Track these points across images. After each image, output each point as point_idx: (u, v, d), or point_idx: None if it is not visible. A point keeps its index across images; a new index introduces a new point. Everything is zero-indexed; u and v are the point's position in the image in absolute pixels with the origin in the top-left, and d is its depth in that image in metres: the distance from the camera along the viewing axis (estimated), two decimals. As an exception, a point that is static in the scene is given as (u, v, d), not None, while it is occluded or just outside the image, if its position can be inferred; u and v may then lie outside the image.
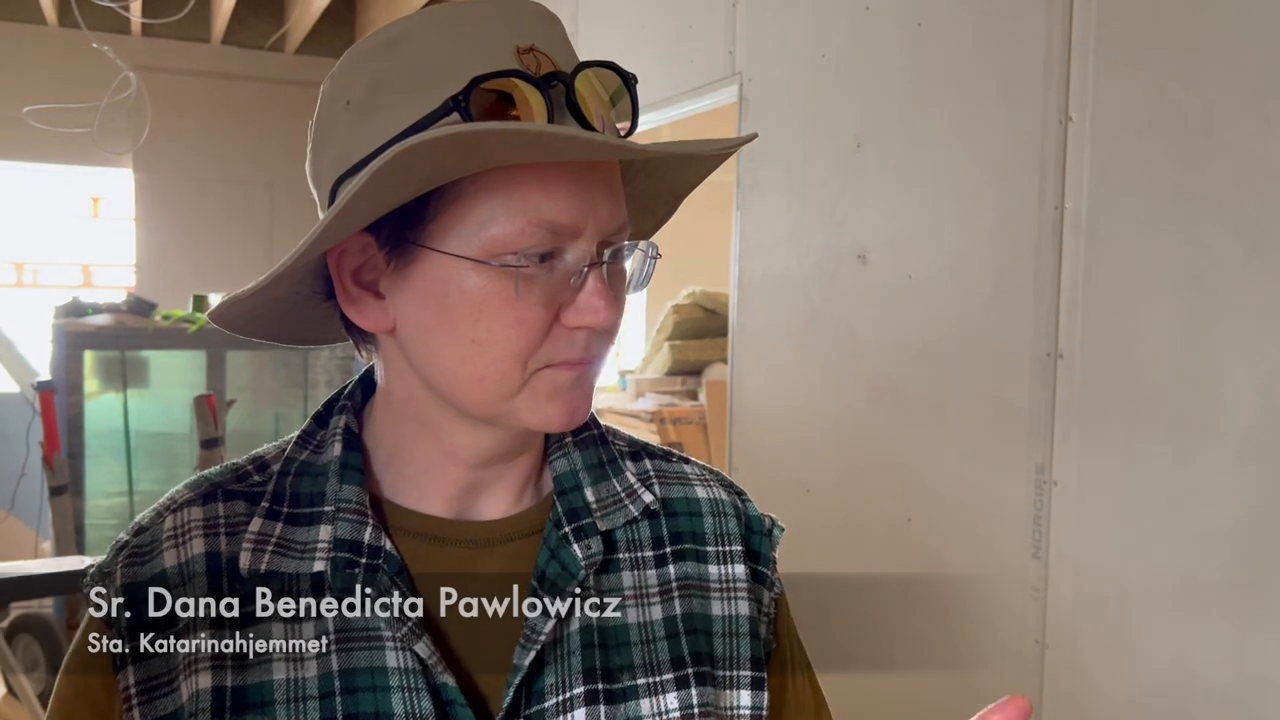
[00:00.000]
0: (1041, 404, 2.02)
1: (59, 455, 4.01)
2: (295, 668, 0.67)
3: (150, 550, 0.69)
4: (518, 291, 0.63)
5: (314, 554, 0.69)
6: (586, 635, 0.70)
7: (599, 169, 0.65)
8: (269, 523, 0.70)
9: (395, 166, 0.57)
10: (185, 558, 0.69)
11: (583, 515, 0.73)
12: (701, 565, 0.76)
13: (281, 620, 0.68)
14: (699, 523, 0.77)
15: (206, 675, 0.66)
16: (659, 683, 0.71)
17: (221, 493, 0.72)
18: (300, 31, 5.92)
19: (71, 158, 5.57)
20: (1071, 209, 1.95)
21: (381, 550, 0.69)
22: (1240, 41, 1.67)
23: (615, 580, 0.73)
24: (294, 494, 0.71)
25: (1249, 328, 1.66)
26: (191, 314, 4.56)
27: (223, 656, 0.67)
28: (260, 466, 0.74)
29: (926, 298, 2.32)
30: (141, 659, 0.67)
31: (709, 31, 3.14)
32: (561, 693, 0.69)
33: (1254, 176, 1.64)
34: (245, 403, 4.62)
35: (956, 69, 2.23)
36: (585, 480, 0.75)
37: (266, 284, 0.69)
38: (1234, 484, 1.68)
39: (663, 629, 0.73)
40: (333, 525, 0.69)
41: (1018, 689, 2.07)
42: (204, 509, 0.71)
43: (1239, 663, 1.68)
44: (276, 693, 0.66)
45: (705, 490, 0.79)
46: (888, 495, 2.39)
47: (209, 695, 0.66)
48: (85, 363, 4.33)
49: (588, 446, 0.77)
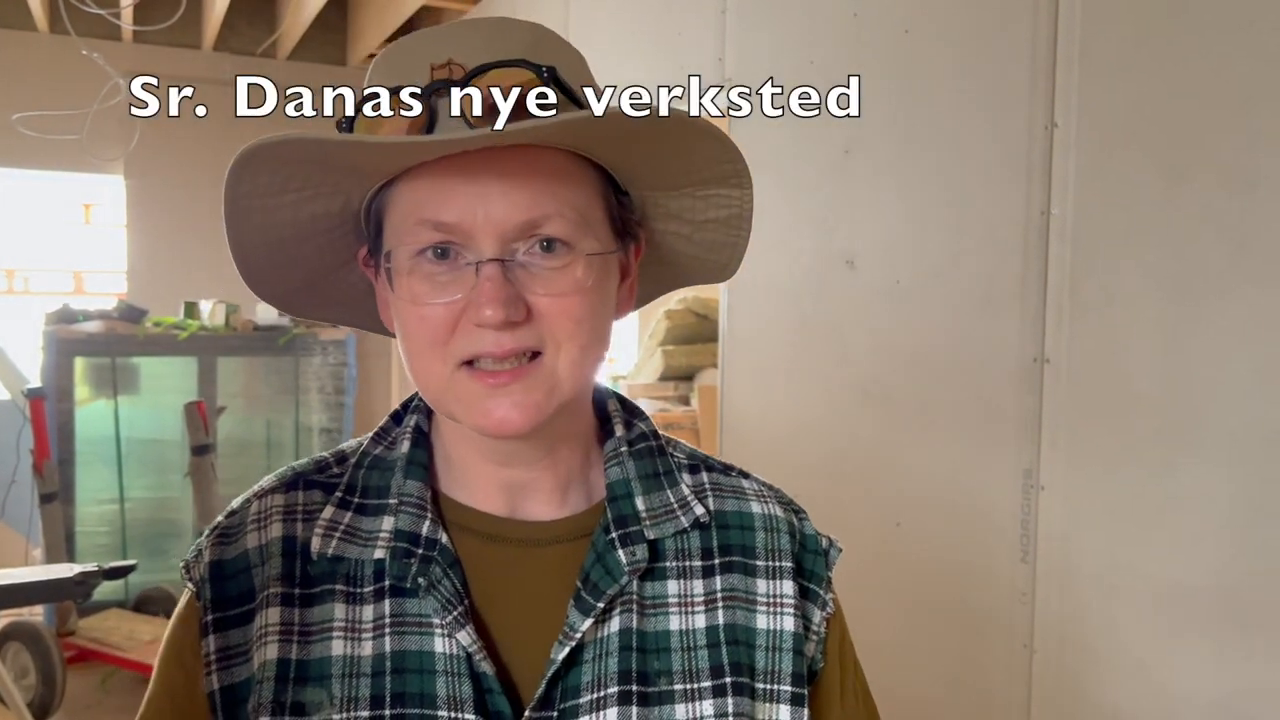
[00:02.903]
0: (1029, 409, 2.03)
1: (49, 462, 4.00)
2: (352, 646, 0.72)
3: (236, 532, 0.76)
4: (422, 289, 0.68)
5: (376, 543, 0.73)
6: (625, 638, 0.72)
7: (492, 166, 0.65)
8: (340, 511, 0.75)
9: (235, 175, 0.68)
10: (264, 540, 0.74)
11: (631, 523, 0.75)
12: (749, 579, 0.77)
13: (344, 602, 0.73)
14: (750, 537, 0.79)
15: (274, 647, 0.71)
16: (697, 689, 0.73)
17: (303, 482, 0.77)
18: (292, 38, 5.92)
19: (62, 164, 5.55)
20: (1058, 215, 1.97)
21: (437, 543, 0.73)
22: (1224, 50, 1.68)
23: (660, 587, 0.75)
24: (364, 486, 0.77)
25: (1234, 333, 1.67)
26: (182, 320, 4.56)
27: (290, 631, 0.72)
28: (340, 459, 0.79)
29: (915, 303, 2.33)
30: (221, 629, 0.73)
31: (698, 38, 3.15)
32: (596, 691, 0.71)
33: (1238, 183, 1.66)
34: (236, 409, 4.61)
35: (944, 75, 2.24)
36: (637, 489, 0.77)
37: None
38: (1220, 488, 1.69)
39: (704, 638, 0.75)
40: (395, 517, 0.74)
41: (1006, 693, 2.08)
42: (285, 496, 0.76)
43: (1225, 667, 1.69)
44: (334, 667, 0.71)
45: (761, 506, 0.80)
46: (876, 500, 2.40)
47: (274, 665, 0.71)
48: (76, 369, 4.32)
49: (643, 457, 0.79)
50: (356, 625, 0.72)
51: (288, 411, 4.76)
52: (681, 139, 0.68)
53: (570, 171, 0.68)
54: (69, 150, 4.79)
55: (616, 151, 0.69)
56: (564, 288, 0.67)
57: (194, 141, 5.78)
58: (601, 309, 0.71)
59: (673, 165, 0.71)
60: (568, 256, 0.67)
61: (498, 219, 0.65)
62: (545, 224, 0.66)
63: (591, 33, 3.89)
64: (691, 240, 0.78)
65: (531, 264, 0.67)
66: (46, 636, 3.68)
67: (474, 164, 0.65)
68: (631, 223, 0.75)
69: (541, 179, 0.66)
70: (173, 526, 4.51)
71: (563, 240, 0.67)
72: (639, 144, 0.68)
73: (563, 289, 0.67)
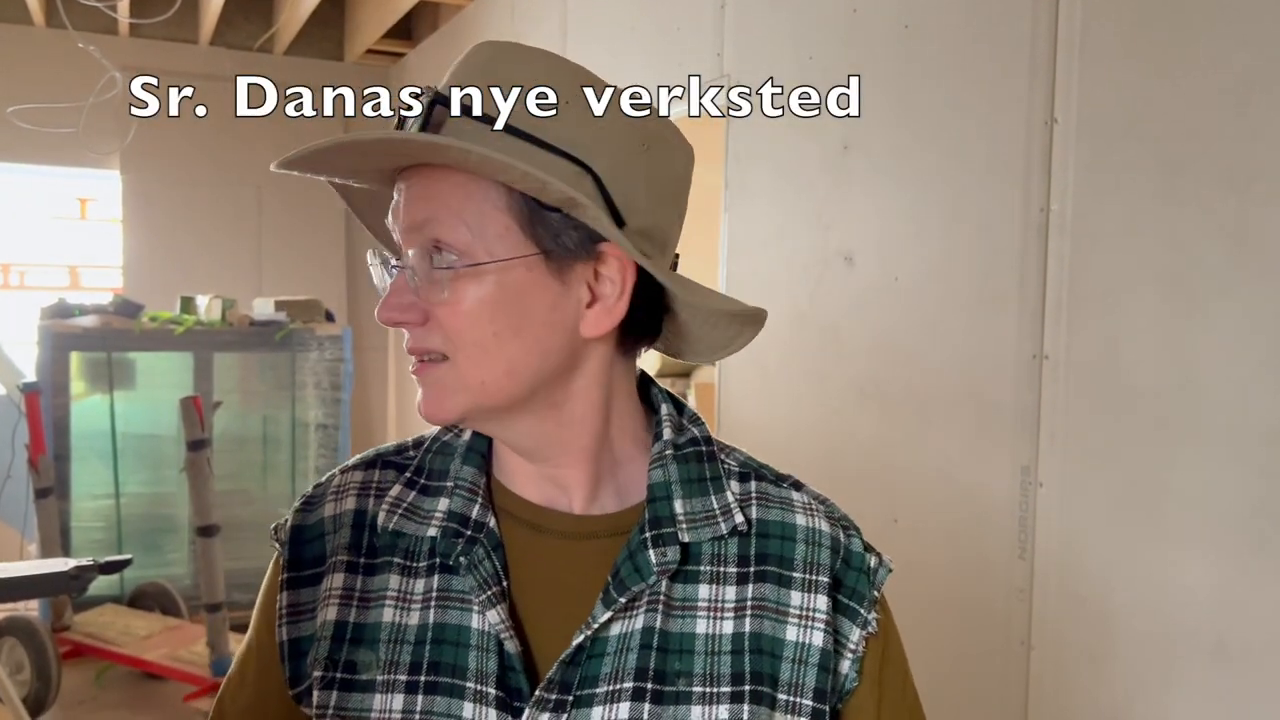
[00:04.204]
0: (1027, 405, 2.03)
1: (44, 457, 3.99)
2: (402, 614, 0.78)
3: (316, 502, 0.84)
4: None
5: (431, 521, 0.79)
6: (647, 636, 0.75)
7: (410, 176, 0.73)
8: (405, 490, 0.82)
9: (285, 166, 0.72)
10: (338, 511, 0.83)
11: (666, 524, 0.77)
12: (783, 590, 0.78)
13: (399, 574, 0.79)
14: (790, 548, 0.79)
15: (335, 609, 0.79)
16: (715, 694, 0.74)
17: (381, 461, 0.85)
18: (289, 33, 5.90)
19: (58, 159, 5.54)
20: (1057, 211, 1.97)
21: (485, 526, 0.79)
22: (1224, 45, 1.68)
23: (692, 590, 0.77)
24: (430, 469, 0.83)
25: (1232, 329, 1.67)
26: (179, 316, 4.54)
27: (351, 596, 0.80)
28: (418, 444, 0.86)
29: (912, 300, 2.33)
30: (294, 587, 0.82)
31: (697, 34, 3.14)
32: (613, 683, 0.74)
33: (1237, 179, 1.66)
34: (232, 404, 4.60)
35: (943, 71, 2.24)
36: (676, 492, 0.78)
37: None
38: (1218, 484, 1.69)
39: (729, 644, 0.76)
40: (450, 499, 0.80)
41: (1003, 690, 2.08)
42: (364, 473, 0.84)
43: (1224, 665, 1.69)
44: (382, 632, 0.78)
45: (806, 519, 0.81)
46: (874, 496, 2.40)
47: (333, 626, 0.79)
48: (71, 364, 4.31)
49: (689, 461, 0.80)
50: (408, 596, 0.78)
51: (284, 407, 4.75)
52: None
53: (465, 187, 0.71)
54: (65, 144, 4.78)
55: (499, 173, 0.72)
56: (445, 297, 0.71)
57: (190, 136, 5.76)
58: (509, 320, 0.72)
59: None
60: (456, 268, 0.71)
61: (402, 225, 0.73)
62: (426, 226, 0.71)
63: (589, 27, 3.88)
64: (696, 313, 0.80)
65: (422, 272, 0.72)
66: (41, 631, 3.67)
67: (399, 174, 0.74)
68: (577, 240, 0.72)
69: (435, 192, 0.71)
70: (168, 522, 4.51)
71: (447, 247, 0.71)
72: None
73: (444, 298, 0.71)
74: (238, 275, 5.92)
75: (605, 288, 0.74)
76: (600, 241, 0.72)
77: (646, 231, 0.74)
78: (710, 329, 0.81)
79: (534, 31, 4.34)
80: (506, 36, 4.62)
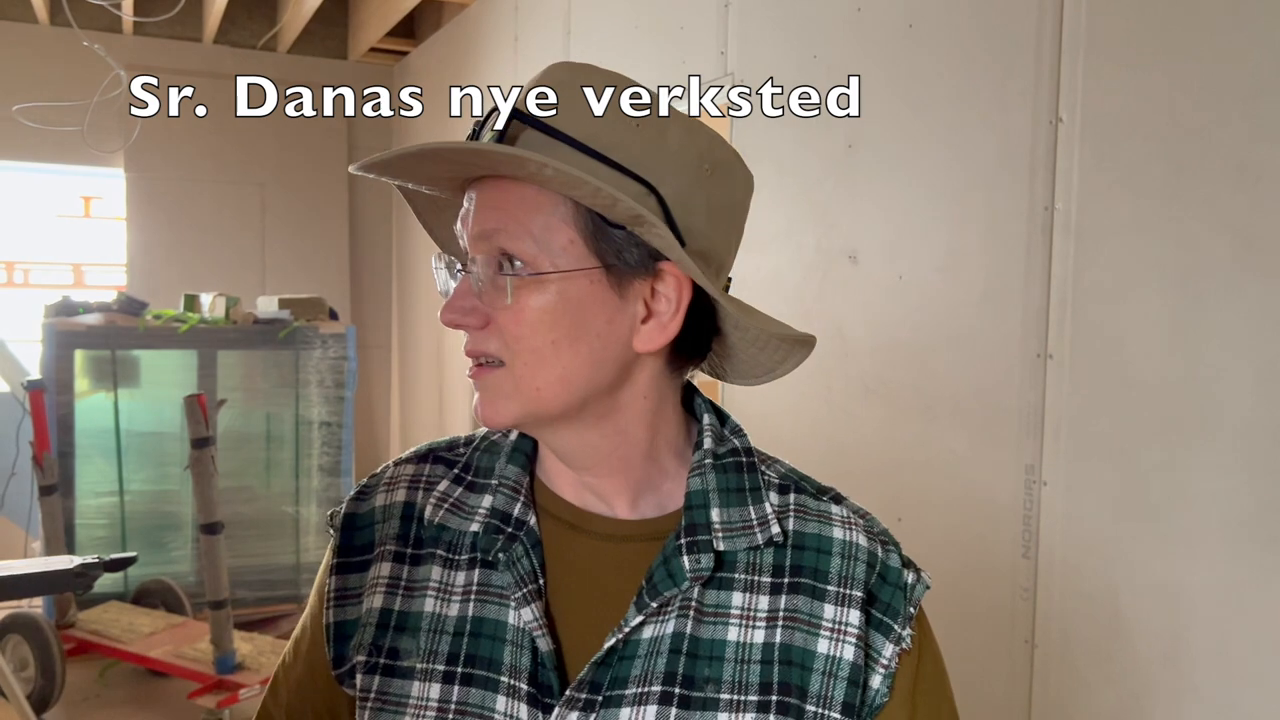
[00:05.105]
0: (1031, 404, 2.03)
1: (49, 455, 4.00)
2: (442, 605, 0.81)
3: (370, 492, 0.87)
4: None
5: (475, 517, 0.82)
6: (678, 642, 0.76)
7: (481, 185, 0.76)
8: (453, 486, 0.85)
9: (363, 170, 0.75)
10: (389, 502, 0.86)
11: (701, 532, 0.78)
12: (817, 602, 0.78)
13: (442, 566, 0.82)
14: (825, 561, 0.79)
15: (381, 597, 0.83)
16: (742, 702, 0.75)
17: (433, 456, 0.88)
18: (292, 31, 5.90)
19: (62, 157, 5.54)
20: (1061, 210, 1.96)
21: (525, 524, 0.81)
22: (1230, 43, 1.67)
23: (725, 598, 0.78)
24: (478, 466, 0.85)
25: (1238, 328, 1.66)
26: (183, 313, 4.55)
27: (396, 584, 0.83)
28: (469, 441, 0.89)
29: (917, 298, 2.33)
30: (342, 572, 0.85)
31: (701, 32, 3.14)
32: (642, 686, 0.75)
33: (1243, 177, 1.65)
34: (236, 402, 4.60)
35: (947, 70, 2.24)
36: (714, 501, 0.79)
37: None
38: (1223, 484, 1.69)
39: (760, 653, 0.76)
40: (494, 496, 0.83)
41: (1007, 689, 2.08)
42: (415, 467, 0.88)
43: (1228, 664, 1.68)
44: (423, 622, 0.81)
45: (844, 533, 0.81)
46: (878, 495, 2.40)
47: (378, 613, 0.82)
48: (76, 362, 4.32)
49: (729, 471, 0.81)
50: (449, 588, 0.81)
51: (287, 405, 4.75)
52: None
53: (535, 199, 0.73)
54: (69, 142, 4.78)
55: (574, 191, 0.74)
56: (507, 304, 0.74)
57: (194, 135, 5.77)
58: (567, 331, 0.74)
59: None
60: (521, 276, 0.73)
61: (470, 232, 0.75)
62: (495, 236, 0.74)
63: (593, 27, 3.88)
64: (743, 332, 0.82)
65: (486, 278, 0.74)
66: (46, 629, 3.68)
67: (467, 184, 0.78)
68: (637, 256, 0.75)
69: (505, 201, 0.74)
70: (172, 519, 4.51)
71: (513, 256, 0.73)
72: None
73: (505, 305, 0.74)
74: (242, 273, 5.93)
75: (661, 304, 0.76)
76: (660, 260, 0.75)
77: (704, 254, 0.76)
78: (758, 351, 0.83)
79: (537, 31, 4.33)
80: (509, 35, 4.62)
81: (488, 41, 4.93)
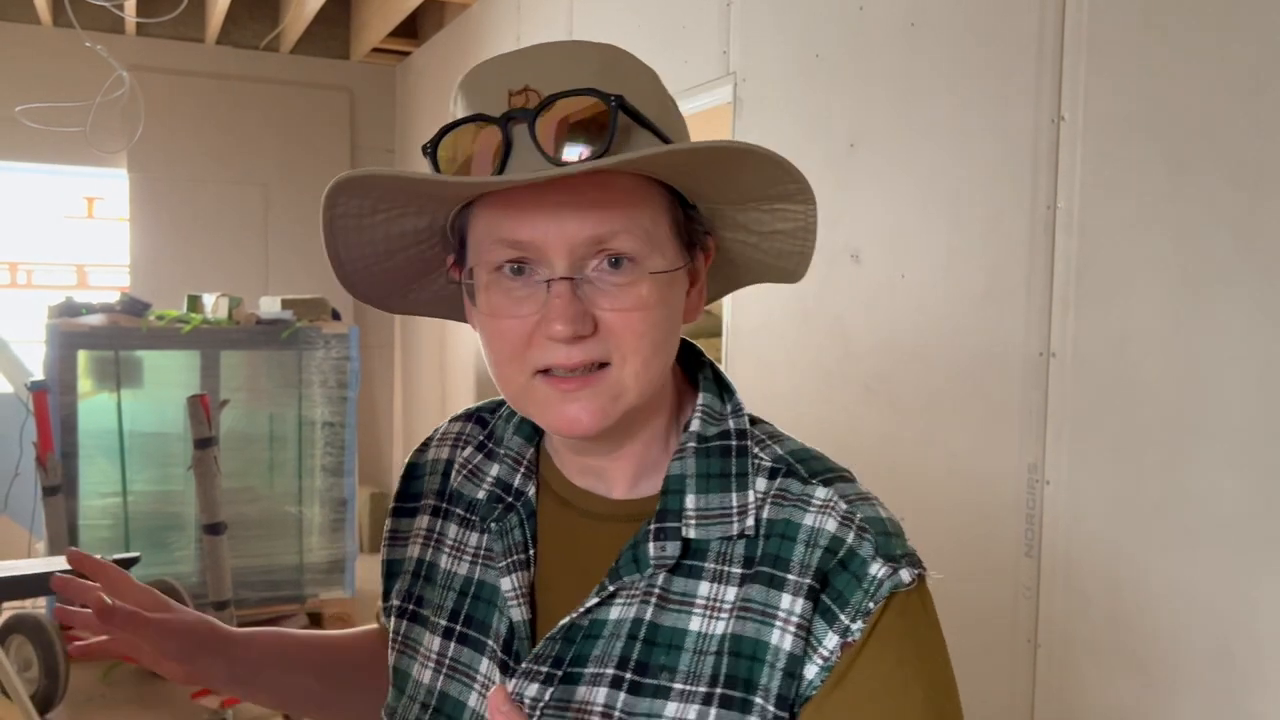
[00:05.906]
0: (1034, 403, 2.02)
1: (52, 455, 4.00)
2: (455, 563, 0.86)
3: (427, 445, 0.94)
4: (500, 303, 0.73)
5: (484, 484, 0.85)
6: (636, 627, 0.75)
7: (559, 188, 0.69)
8: (475, 452, 0.88)
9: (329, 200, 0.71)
10: (436, 456, 0.92)
11: (671, 519, 0.76)
12: (774, 592, 0.73)
13: (459, 525, 0.87)
14: (789, 548, 0.74)
15: (419, 546, 0.89)
16: (692, 692, 0.73)
17: (476, 416, 0.92)
18: (295, 32, 5.91)
19: (65, 158, 5.54)
20: (1064, 208, 1.96)
21: (524, 495, 0.84)
22: (1231, 41, 1.67)
23: (691, 586, 0.75)
24: (497, 435, 0.88)
25: (1240, 326, 1.66)
26: (185, 314, 4.55)
27: (430, 537, 0.89)
28: (497, 407, 0.92)
29: (919, 297, 2.32)
30: (397, 515, 0.92)
31: (703, 31, 3.14)
32: (598, 666, 0.75)
33: (1245, 175, 1.65)
34: (239, 403, 4.60)
35: (949, 69, 2.23)
36: (690, 487, 0.77)
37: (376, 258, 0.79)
38: (1225, 483, 1.68)
39: (716, 644, 0.73)
40: (500, 465, 0.85)
41: (1010, 688, 2.07)
42: (461, 425, 0.93)
43: (1231, 663, 1.68)
44: (439, 577, 0.86)
45: (814, 518, 0.75)
46: (880, 494, 2.38)
47: (414, 562, 0.89)
48: (79, 363, 4.31)
49: (713, 455, 0.78)
50: (462, 548, 0.86)
51: (290, 405, 4.75)
52: (741, 165, 0.71)
53: (636, 192, 0.71)
54: (72, 143, 4.79)
55: (681, 176, 0.73)
56: (628, 304, 0.71)
57: (197, 135, 5.77)
58: (665, 322, 0.74)
59: (736, 185, 0.74)
60: (633, 273, 0.71)
61: (568, 236, 0.70)
62: (612, 240, 0.70)
63: (595, 24, 3.88)
64: (759, 248, 0.82)
65: (599, 280, 0.71)
66: (49, 629, 3.68)
67: (546, 186, 0.69)
68: (699, 234, 0.77)
69: (609, 200, 0.70)
70: (175, 520, 4.51)
71: (629, 256, 0.71)
72: (701, 169, 0.72)
73: (627, 305, 0.71)
74: (244, 274, 5.93)
75: (701, 272, 0.79)
76: (709, 231, 0.78)
77: None
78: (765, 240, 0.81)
79: (539, 30, 4.33)
80: (512, 35, 4.62)
81: (490, 41, 4.93)
